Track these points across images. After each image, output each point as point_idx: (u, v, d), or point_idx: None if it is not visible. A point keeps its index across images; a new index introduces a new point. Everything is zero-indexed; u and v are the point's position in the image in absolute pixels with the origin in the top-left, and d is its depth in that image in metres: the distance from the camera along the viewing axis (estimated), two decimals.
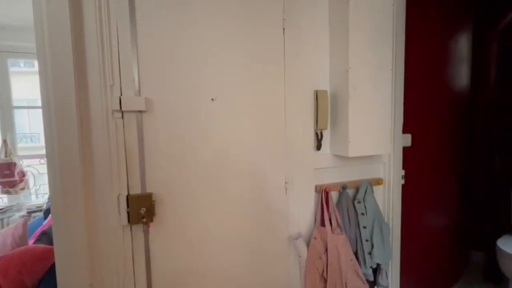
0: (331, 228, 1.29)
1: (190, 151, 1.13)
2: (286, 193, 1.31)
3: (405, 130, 1.50)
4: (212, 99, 1.15)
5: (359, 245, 1.35)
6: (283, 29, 1.26)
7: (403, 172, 1.50)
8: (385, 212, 1.50)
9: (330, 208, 1.32)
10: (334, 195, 1.40)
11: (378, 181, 1.48)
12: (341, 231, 1.30)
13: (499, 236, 1.84)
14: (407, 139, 1.52)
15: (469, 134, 2.02)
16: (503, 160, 2.12)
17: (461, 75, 1.88)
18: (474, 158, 2.17)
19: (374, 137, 1.31)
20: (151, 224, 1.05)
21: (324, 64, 1.37)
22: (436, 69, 1.70)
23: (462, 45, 1.86)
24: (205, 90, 1.14)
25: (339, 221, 1.32)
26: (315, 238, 1.28)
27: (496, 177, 2.16)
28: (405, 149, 1.51)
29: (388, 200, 1.49)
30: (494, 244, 1.76)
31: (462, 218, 2.00)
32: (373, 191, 1.41)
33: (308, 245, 1.29)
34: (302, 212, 1.35)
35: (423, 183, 1.65)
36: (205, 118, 1.15)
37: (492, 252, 1.83)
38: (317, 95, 1.31)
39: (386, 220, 1.49)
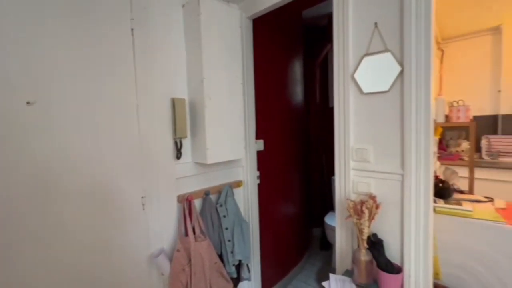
0: (195, 237, 1.28)
1: None
2: (144, 209, 1.20)
3: (258, 136, 1.73)
4: (28, 103, 0.89)
5: (223, 246, 1.42)
6: (132, 29, 1.15)
7: (258, 173, 1.73)
8: (245, 211, 1.67)
9: (193, 217, 1.32)
10: (198, 202, 1.41)
11: (238, 184, 1.62)
12: (205, 237, 1.32)
13: (327, 213, 2.47)
14: (260, 144, 1.76)
15: (307, 138, 2.61)
16: (327, 157, 2.89)
17: (298, 92, 2.40)
18: (311, 157, 2.83)
19: (230, 144, 1.43)
20: None
21: (182, 72, 1.37)
22: (280, 87, 2.07)
23: (297, 69, 2.38)
24: (15, 91, 0.86)
25: (203, 227, 1.34)
26: (178, 250, 1.23)
27: (324, 170, 2.90)
28: (259, 153, 1.75)
29: (247, 200, 1.66)
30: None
31: (305, 204, 2.54)
32: (233, 194, 1.53)
33: (171, 259, 1.23)
34: (164, 225, 1.28)
35: (275, 180, 1.96)
36: (18, 126, 0.87)
37: (323, 227, 2.42)
38: (174, 103, 1.28)
39: (246, 218, 1.65)
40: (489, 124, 3.05)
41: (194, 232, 1.30)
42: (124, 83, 1.13)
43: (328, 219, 2.28)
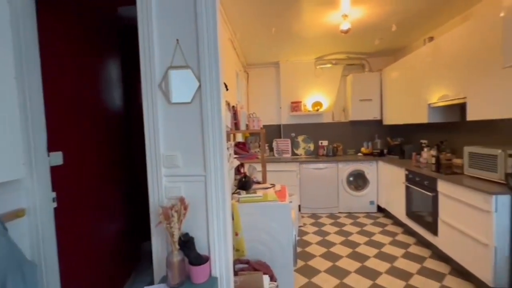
0: None
1: None
2: None
3: (53, 148, 1.37)
4: None
5: None
6: None
7: (54, 195, 1.36)
8: (34, 248, 1.26)
9: None
10: None
11: (18, 213, 1.19)
12: None
13: None
14: (57, 158, 1.39)
15: (130, 146, 2.38)
16: None
17: (115, 97, 2.15)
18: (140, 166, 2.61)
19: None
20: None
21: None
22: (89, 89, 1.75)
23: (114, 75, 2.13)
24: None
25: None
26: None
27: None
28: (55, 169, 1.38)
29: (36, 232, 1.26)
30: None
31: (135, 218, 2.31)
32: (7, 229, 1.10)
33: None
34: None
35: (83, 199, 1.62)
36: None
37: None
38: None
39: (36, 257, 1.25)
40: (277, 131, 4.26)
41: None
42: None
43: None
